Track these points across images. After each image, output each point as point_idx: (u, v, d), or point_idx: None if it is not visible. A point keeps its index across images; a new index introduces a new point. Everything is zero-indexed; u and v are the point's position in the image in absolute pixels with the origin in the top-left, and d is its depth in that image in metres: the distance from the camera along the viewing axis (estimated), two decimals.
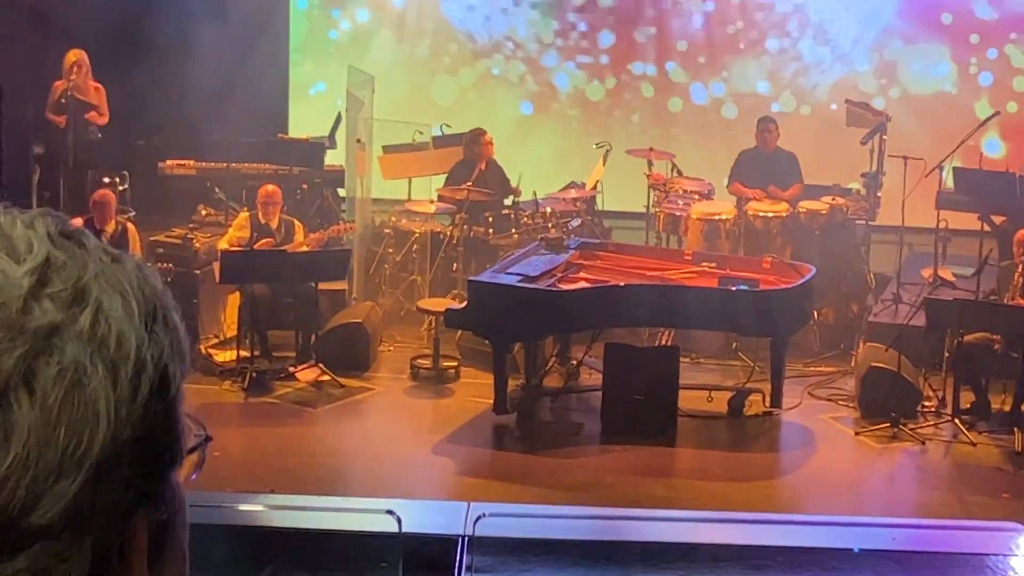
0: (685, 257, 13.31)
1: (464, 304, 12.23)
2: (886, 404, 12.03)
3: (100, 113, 15.57)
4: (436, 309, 13.04)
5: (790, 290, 12.30)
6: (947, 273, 14.01)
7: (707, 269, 12.90)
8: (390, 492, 10.82)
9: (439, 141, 16.16)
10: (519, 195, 14.97)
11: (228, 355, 13.18)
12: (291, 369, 12.96)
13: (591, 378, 12.76)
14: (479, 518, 4.30)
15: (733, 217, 14.56)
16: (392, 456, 11.53)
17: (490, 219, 14.66)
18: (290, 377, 12.89)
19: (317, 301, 13.21)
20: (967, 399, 12.17)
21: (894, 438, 11.84)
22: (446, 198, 14.84)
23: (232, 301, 13.50)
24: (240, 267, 12.95)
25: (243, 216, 13.71)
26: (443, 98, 17.73)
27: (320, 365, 12.89)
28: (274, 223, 13.47)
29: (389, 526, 4.27)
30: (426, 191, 15.32)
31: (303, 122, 17.30)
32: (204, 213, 15.36)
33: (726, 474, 11.33)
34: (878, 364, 12.32)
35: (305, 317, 13.26)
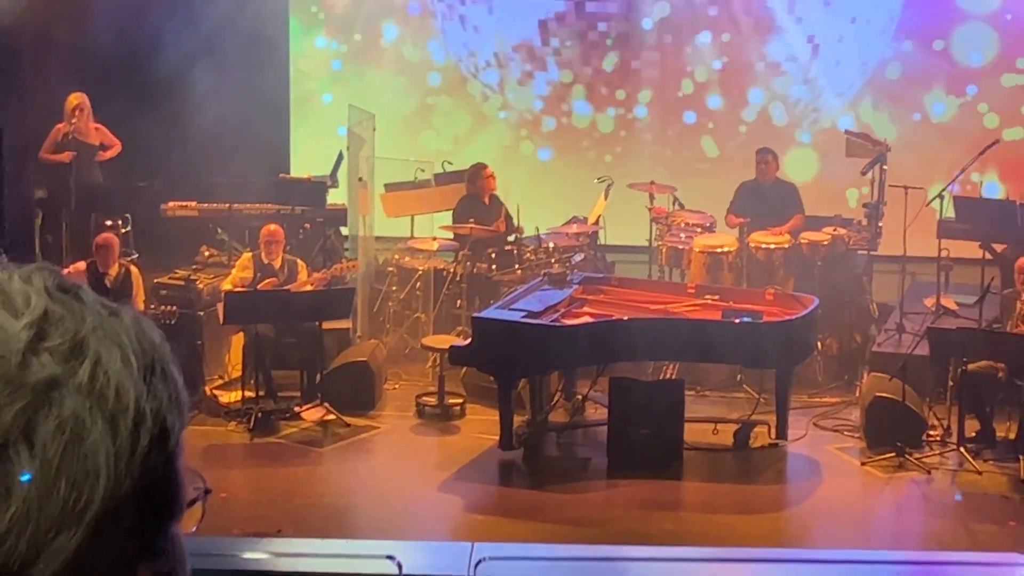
0: (688, 290, 13.31)
1: (468, 341, 12.22)
2: (891, 434, 12.01)
3: (106, 148, 15.61)
4: (440, 346, 13.04)
5: (793, 321, 12.29)
6: (950, 302, 13.99)
7: (710, 302, 12.90)
8: (397, 531, 10.81)
9: (441, 178, 16.18)
10: (521, 232, 14.98)
11: (233, 396, 13.17)
12: (296, 409, 12.95)
13: (596, 413, 12.76)
14: (480, 562, 4.29)
15: (735, 249, 14.57)
16: (399, 494, 11.51)
17: (493, 255, 14.67)
18: (295, 417, 12.88)
19: (321, 340, 13.21)
20: (972, 428, 12.16)
21: (900, 468, 11.82)
22: (461, 234, 14.82)
23: (236, 341, 13.50)
24: (244, 308, 12.96)
25: (246, 256, 13.72)
26: (444, 135, 17.76)
27: (325, 404, 12.88)
28: (277, 263, 13.48)
29: (390, 571, 4.25)
30: (428, 228, 15.33)
31: (305, 161, 17.33)
32: (207, 254, 15.36)
33: (733, 507, 11.31)
34: (883, 394, 12.31)
35: (310, 356, 13.26)
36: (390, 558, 4.31)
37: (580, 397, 12.98)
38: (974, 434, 12.13)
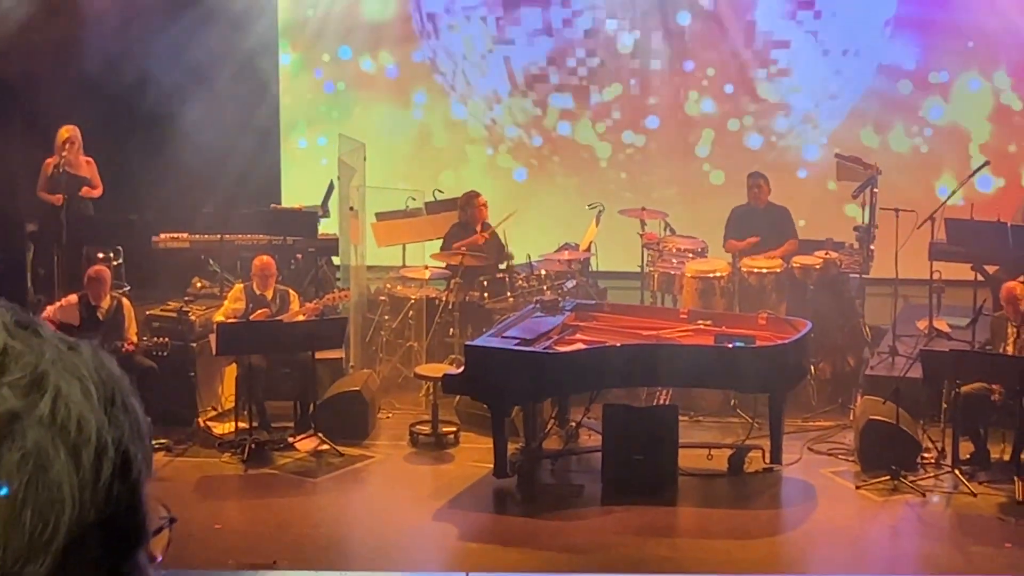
0: (681, 316, 13.32)
1: (461, 369, 12.21)
2: (886, 457, 12.01)
3: (93, 186, 15.62)
4: (434, 375, 13.04)
5: (786, 346, 12.30)
6: (942, 324, 14.02)
7: (703, 327, 12.90)
8: (392, 560, 10.80)
9: (432, 207, 16.19)
10: (511, 259, 15.00)
11: (227, 427, 13.16)
12: (290, 439, 12.94)
13: (590, 439, 12.76)
14: None
15: (727, 274, 14.58)
16: (394, 524, 11.49)
17: (485, 283, 14.67)
18: (289, 447, 12.86)
19: (314, 370, 13.20)
20: (966, 450, 12.17)
21: (895, 491, 11.82)
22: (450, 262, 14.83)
23: (229, 373, 13.51)
24: (236, 339, 12.96)
25: (238, 288, 13.73)
26: (434, 163, 17.78)
27: (319, 434, 12.87)
28: (269, 294, 13.48)
29: None
30: (420, 257, 15.34)
31: (295, 192, 17.33)
32: (199, 286, 15.37)
33: (728, 532, 11.30)
34: (876, 417, 12.32)
35: (303, 387, 13.26)
36: None
37: (574, 424, 12.98)
38: (968, 456, 12.14)
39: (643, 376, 12.27)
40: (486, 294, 14.64)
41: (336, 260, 15.90)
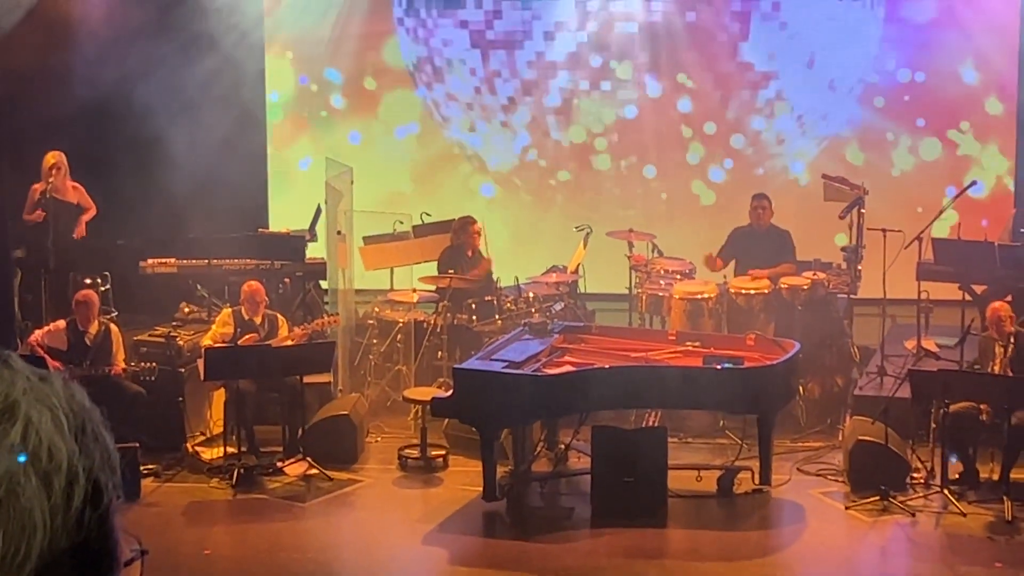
0: (669, 337, 13.32)
1: (450, 392, 12.20)
2: (875, 477, 12.02)
3: (86, 208, 15.61)
4: (422, 398, 13.03)
5: (775, 367, 12.30)
6: (930, 344, 14.03)
7: (691, 348, 12.90)
8: None
9: (420, 230, 16.19)
10: (498, 282, 15.02)
11: (215, 452, 13.14)
12: (279, 464, 12.92)
13: (580, 462, 12.74)
14: None
15: (715, 295, 14.58)
16: (383, 548, 11.48)
17: (473, 306, 14.68)
18: (278, 472, 12.84)
19: (303, 395, 13.19)
20: (956, 469, 12.17)
21: (884, 511, 11.81)
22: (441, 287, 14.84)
23: (217, 398, 13.50)
24: (225, 364, 12.94)
25: (226, 312, 13.72)
26: (420, 184, 17.79)
27: (308, 459, 12.85)
28: (258, 318, 13.47)
29: None
30: (408, 281, 15.34)
31: (283, 216, 17.33)
32: (187, 310, 15.34)
33: (718, 554, 11.29)
34: (865, 437, 12.32)
35: (291, 411, 13.24)
36: None
37: (563, 446, 12.97)
38: (958, 476, 12.15)
39: (632, 398, 12.27)
40: (474, 317, 14.65)
41: (324, 284, 15.89)
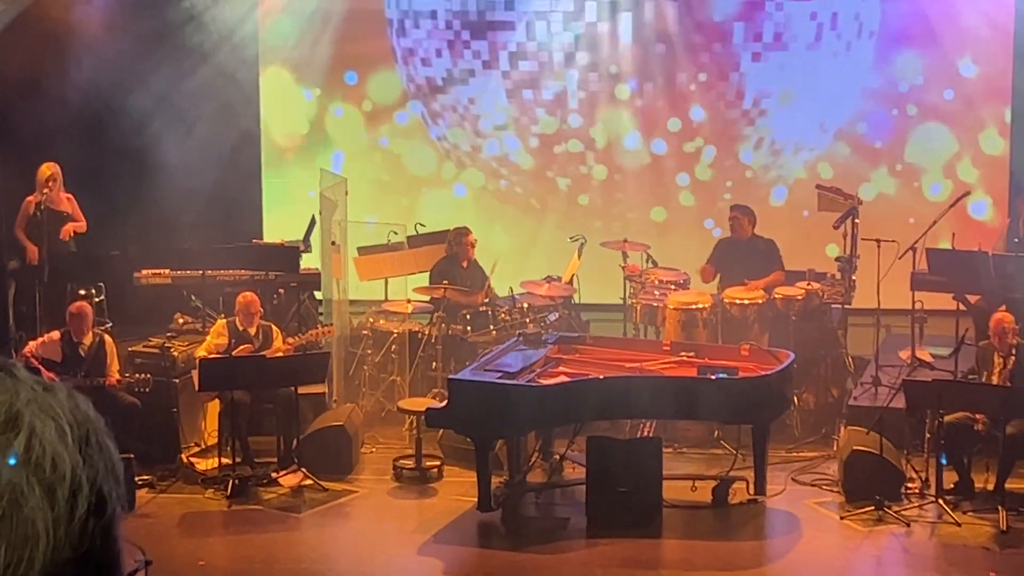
0: (663, 347, 13.33)
1: (445, 403, 12.20)
2: (870, 487, 12.02)
3: (76, 219, 15.60)
4: (417, 409, 13.01)
5: (769, 377, 12.31)
6: (925, 354, 14.03)
7: (686, 359, 12.91)
8: None
9: (414, 240, 16.19)
10: (492, 292, 15.02)
11: (210, 463, 13.13)
12: (274, 475, 12.91)
13: (574, 472, 12.73)
14: None
15: (710, 306, 14.58)
16: (378, 558, 11.47)
17: (468, 316, 14.69)
18: (273, 483, 12.83)
19: (297, 405, 13.18)
20: (950, 479, 12.17)
21: (879, 521, 11.81)
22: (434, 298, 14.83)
23: (212, 408, 13.49)
24: (219, 374, 12.94)
25: (220, 323, 13.71)
26: (414, 195, 17.78)
27: (302, 470, 12.84)
28: (252, 329, 13.47)
29: None
30: (402, 291, 15.33)
31: (277, 226, 17.32)
32: (181, 321, 15.32)
33: (713, 564, 11.29)
34: (860, 447, 12.33)
35: (286, 422, 13.24)
36: None
37: (558, 457, 12.96)
38: (952, 486, 12.15)
39: (626, 408, 12.27)
40: (469, 327, 14.66)
41: (319, 295, 15.89)
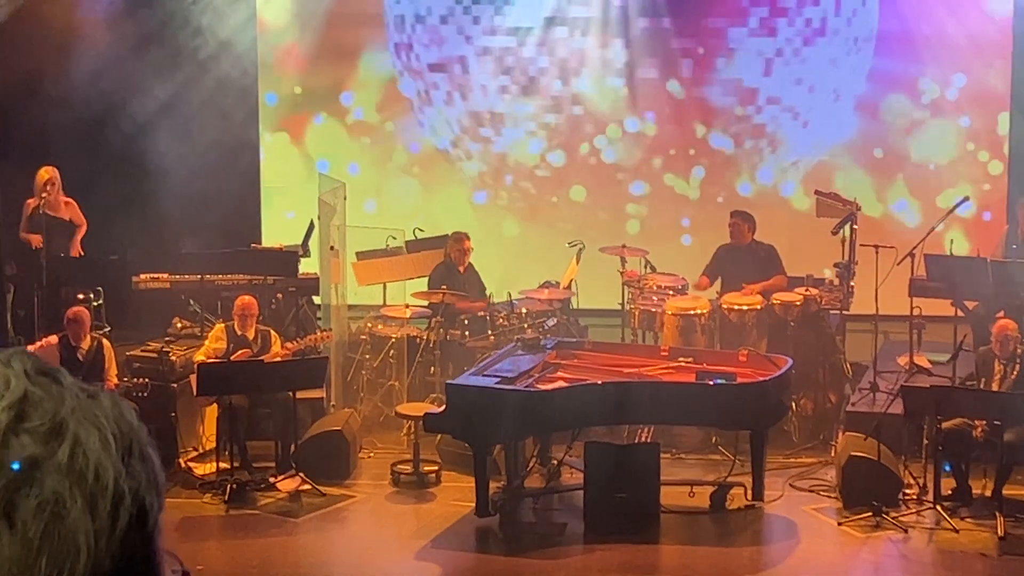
0: (662, 353, 13.32)
1: (443, 408, 12.20)
2: (868, 493, 12.01)
3: (77, 224, 15.60)
4: (415, 414, 13.01)
5: (767, 383, 12.30)
6: (923, 360, 14.02)
7: (684, 364, 12.90)
8: None
9: (412, 245, 16.19)
10: (491, 298, 15.02)
11: (208, 467, 13.13)
12: (271, 479, 12.90)
13: (572, 477, 12.73)
14: None
15: (708, 311, 14.58)
16: (376, 563, 11.47)
17: (466, 321, 14.69)
18: (271, 487, 12.82)
19: (295, 410, 13.16)
20: (948, 485, 12.16)
21: (877, 527, 11.81)
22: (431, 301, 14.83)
23: (210, 413, 13.48)
24: (217, 379, 12.93)
25: (219, 328, 13.70)
26: (413, 200, 17.78)
27: (300, 474, 12.83)
28: (251, 334, 13.46)
29: None
30: (401, 296, 15.32)
31: (276, 231, 17.32)
32: (179, 326, 15.32)
33: (711, 569, 11.29)
34: (858, 453, 12.32)
35: (284, 427, 13.23)
36: None
37: (555, 462, 12.96)
38: (950, 492, 12.14)
39: (625, 414, 12.26)
40: (467, 332, 14.66)
41: (317, 299, 15.88)
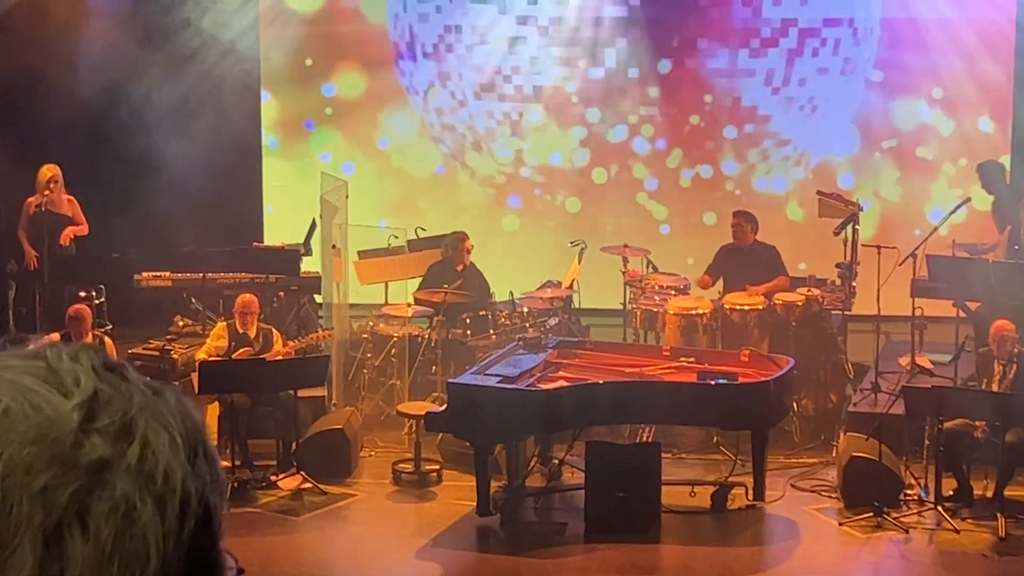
0: (663, 353, 13.31)
1: (444, 407, 12.20)
2: (869, 494, 12.00)
3: (77, 223, 15.61)
4: (416, 413, 13.00)
5: (769, 383, 12.29)
6: (924, 361, 14.01)
7: (686, 364, 12.90)
8: None
9: (414, 244, 16.19)
10: (493, 297, 15.03)
11: None
12: (273, 478, 12.90)
13: (573, 477, 12.73)
14: None
15: (710, 311, 14.57)
16: (377, 562, 11.47)
17: (467, 320, 14.68)
18: (272, 486, 12.82)
19: (296, 409, 13.17)
20: (949, 486, 12.16)
21: (878, 527, 11.80)
22: (423, 301, 14.83)
23: (211, 411, 13.45)
24: (219, 377, 12.92)
25: (220, 326, 13.70)
26: (415, 199, 17.78)
27: (302, 473, 12.83)
28: (252, 332, 13.46)
29: None
30: (403, 295, 15.32)
31: (278, 229, 17.32)
32: (181, 324, 15.33)
33: (712, 569, 11.28)
34: (859, 454, 12.31)
35: (285, 425, 13.23)
36: None
37: (557, 461, 12.95)
38: (951, 492, 12.13)
39: (626, 413, 12.26)
40: (469, 331, 14.65)
41: (319, 298, 15.89)
